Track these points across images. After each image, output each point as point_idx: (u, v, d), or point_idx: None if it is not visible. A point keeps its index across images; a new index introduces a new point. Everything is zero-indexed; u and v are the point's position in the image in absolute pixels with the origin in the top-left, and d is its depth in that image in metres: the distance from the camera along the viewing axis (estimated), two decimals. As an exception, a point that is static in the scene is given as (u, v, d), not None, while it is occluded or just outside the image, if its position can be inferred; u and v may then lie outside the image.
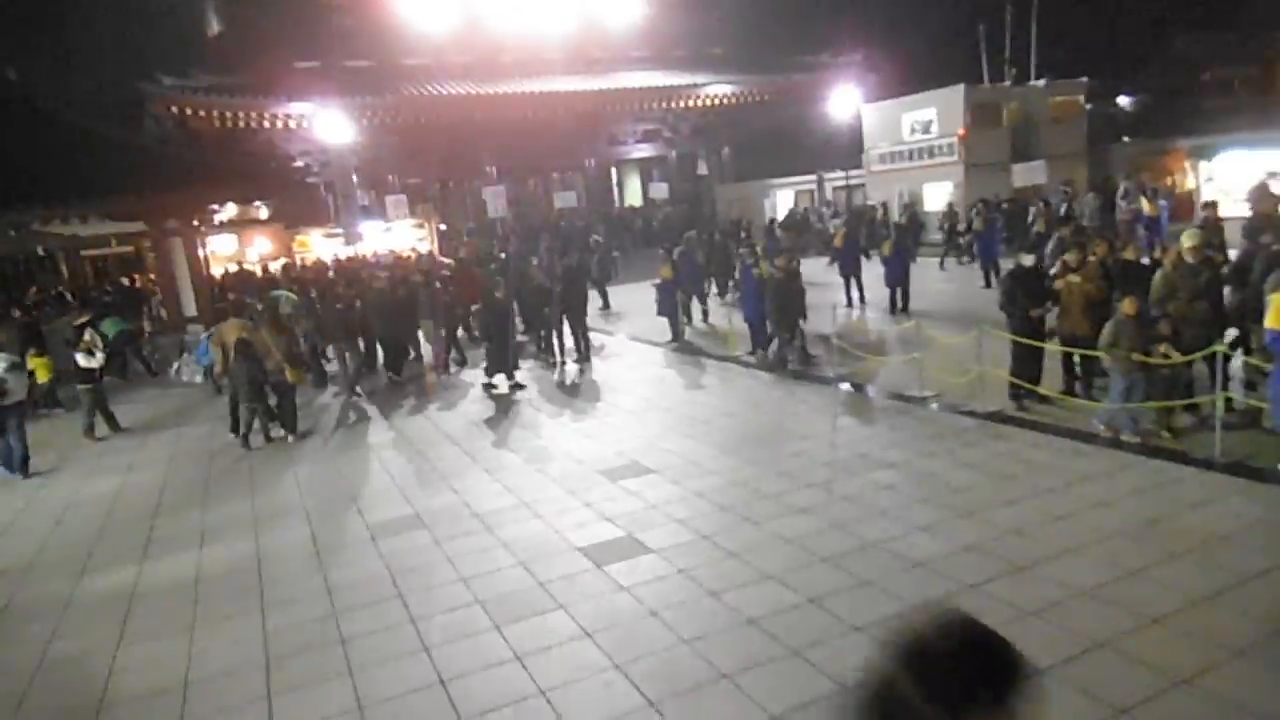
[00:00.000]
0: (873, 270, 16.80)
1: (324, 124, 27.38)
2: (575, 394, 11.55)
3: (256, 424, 10.28)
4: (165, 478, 9.41)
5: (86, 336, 11.08)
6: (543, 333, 14.47)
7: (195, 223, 16.63)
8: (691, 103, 34.94)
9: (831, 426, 8.90)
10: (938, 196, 27.79)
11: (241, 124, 27.53)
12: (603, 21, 34.94)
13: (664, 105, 34.73)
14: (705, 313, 16.39)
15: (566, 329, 13.68)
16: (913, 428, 8.50)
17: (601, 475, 7.93)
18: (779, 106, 36.51)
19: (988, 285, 16.91)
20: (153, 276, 18.50)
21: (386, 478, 8.61)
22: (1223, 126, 24.73)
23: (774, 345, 11.91)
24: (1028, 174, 25.28)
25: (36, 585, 6.75)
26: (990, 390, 8.80)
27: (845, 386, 10.41)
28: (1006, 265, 11.00)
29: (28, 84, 17.54)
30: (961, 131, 27.05)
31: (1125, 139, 31.68)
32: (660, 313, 14.53)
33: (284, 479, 8.94)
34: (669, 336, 14.51)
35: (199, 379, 13.97)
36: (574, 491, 7.57)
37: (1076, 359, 8.68)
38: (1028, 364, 8.66)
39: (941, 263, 21.24)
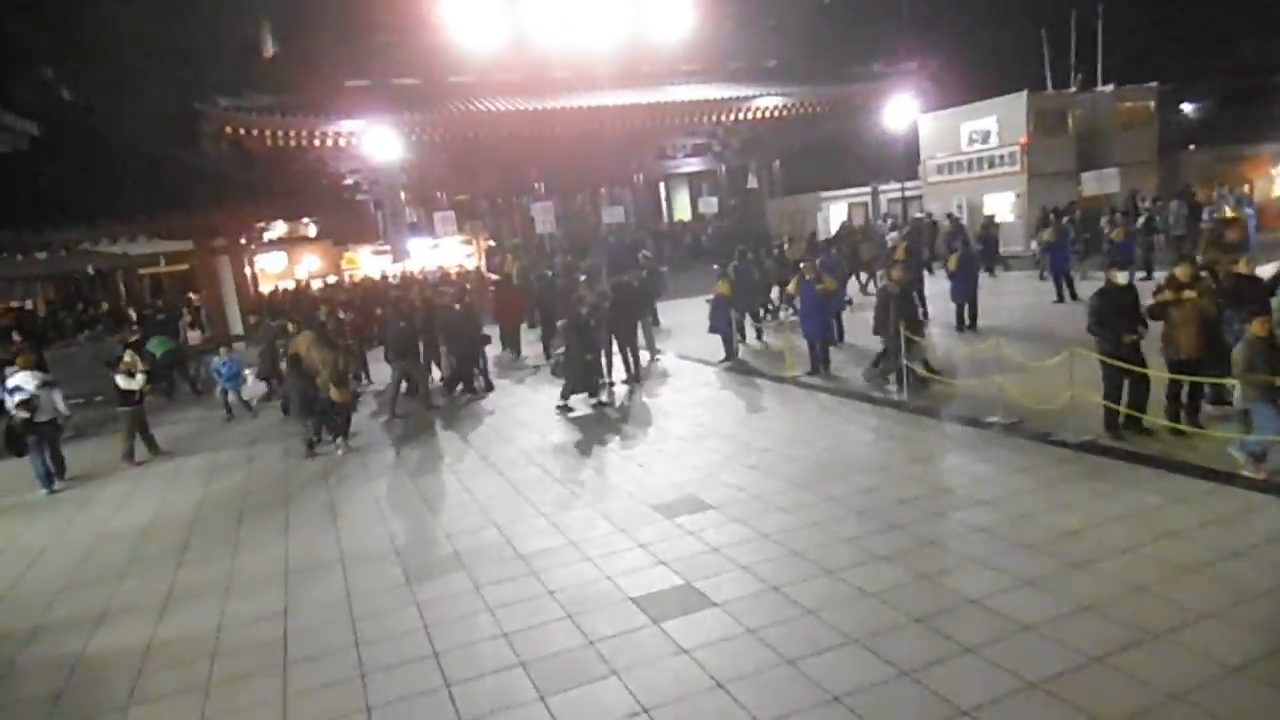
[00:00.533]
0: (935, 284, 16.01)
1: (373, 141, 27.39)
2: (625, 418, 10.90)
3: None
4: (198, 510, 9.01)
5: (127, 358, 10.83)
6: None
7: (243, 240, 16.46)
8: (742, 115, 34.33)
9: (909, 457, 8.09)
10: (999, 207, 26.72)
11: (293, 143, 27.69)
12: (652, 36, 34.55)
13: (714, 118, 34.19)
14: (759, 330, 15.67)
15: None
16: (1000, 459, 7.67)
17: (656, 511, 7.26)
18: (831, 118, 35.72)
19: (1060, 300, 15.90)
20: (193, 296, 18.46)
21: (425, 511, 8.07)
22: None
23: (876, 365, 11.05)
24: (1098, 182, 24.05)
25: (46, 639, 6.22)
26: (1082, 417, 7.92)
27: (918, 411, 9.60)
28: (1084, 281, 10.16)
29: (82, 104, 17.65)
30: (1024, 140, 25.97)
31: (1192, 146, 30.25)
32: (713, 330, 13.86)
33: (318, 511, 8.45)
34: (722, 355, 13.82)
35: (250, 401, 13.66)
36: (626, 530, 6.91)
37: (1185, 385, 7.77)
38: (1127, 390, 7.77)
39: (992, 271, 20.27)
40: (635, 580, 5.93)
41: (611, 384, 12.83)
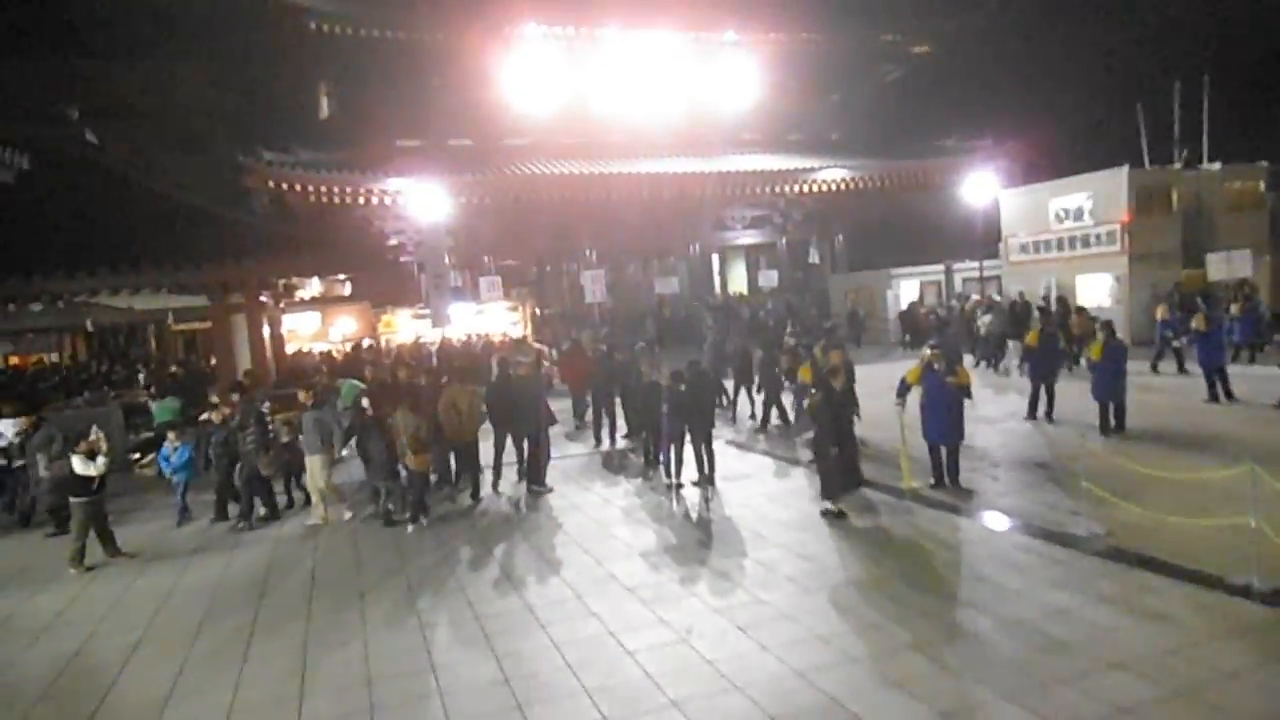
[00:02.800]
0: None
1: (420, 201, 25.99)
2: (705, 540, 8.49)
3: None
4: (142, 637, 6.80)
5: (92, 435, 8.81)
6: (652, 445, 11.67)
7: (263, 298, 14.65)
8: (805, 188, 32.57)
9: (1157, 641, 5.54)
10: (1094, 289, 24.27)
11: (337, 200, 26.44)
12: (712, 104, 33.26)
13: (775, 190, 32.46)
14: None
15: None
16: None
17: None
18: (900, 193, 33.81)
19: (1213, 399, 13.32)
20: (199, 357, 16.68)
21: (434, 692, 5.76)
22: None
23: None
24: (1227, 265, 21.49)
25: None
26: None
27: (1114, 557, 7.06)
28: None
29: (106, 147, 16.26)
30: (1125, 217, 23.63)
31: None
32: (803, 424, 11.51)
33: (287, 645, 6.19)
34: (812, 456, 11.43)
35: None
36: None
37: None
38: None
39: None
40: None
41: (680, 485, 10.52)
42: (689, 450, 10.57)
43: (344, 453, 10.04)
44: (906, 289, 30.25)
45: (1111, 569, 6.76)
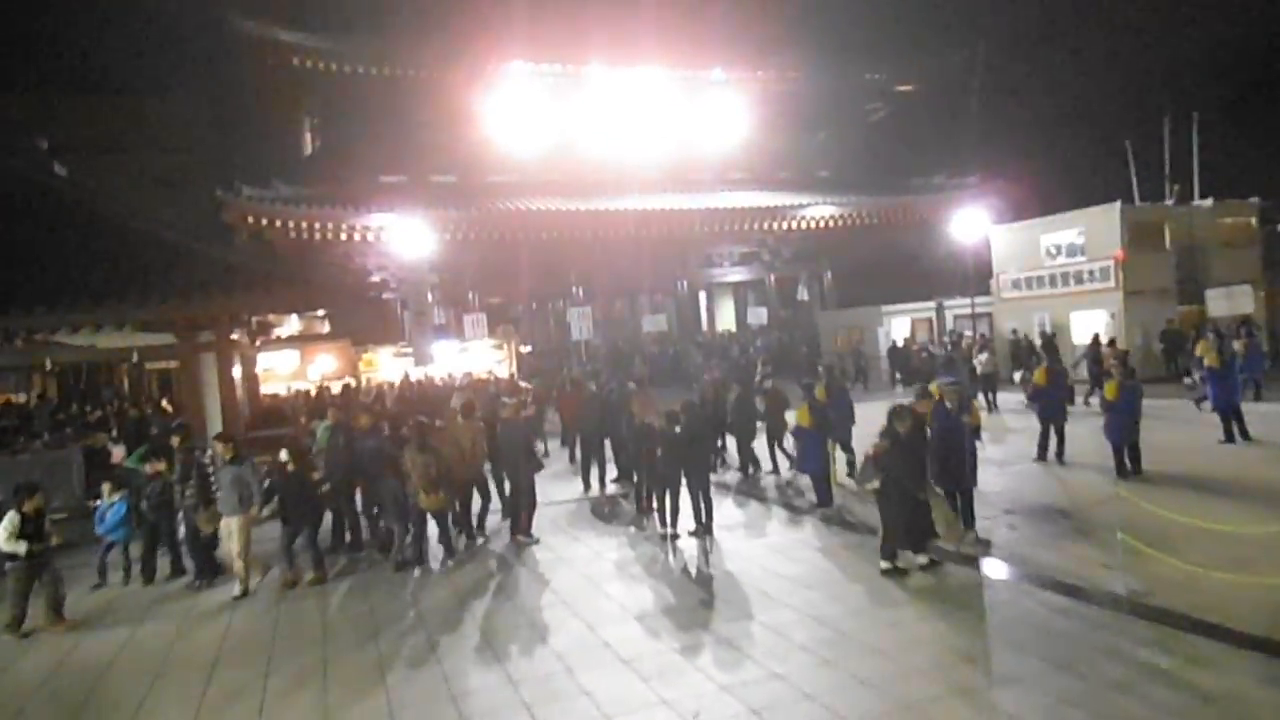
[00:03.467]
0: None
1: (402, 236, 25.43)
2: (708, 600, 7.71)
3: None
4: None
5: (27, 506, 7.93)
6: (645, 489, 10.97)
7: (235, 336, 13.91)
8: (793, 224, 32.35)
9: None
10: (1087, 326, 23.89)
11: (318, 235, 25.86)
12: (701, 143, 33.16)
13: (764, 226, 32.19)
14: (851, 465, 12.51)
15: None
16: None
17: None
18: (889, 230, 33.67)
19: (1229, 439, 12.78)
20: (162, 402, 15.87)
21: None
22: None
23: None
24: (1228, 300, 21.18)
25: None
26: None
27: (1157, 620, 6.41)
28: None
29: (77, 180, 15.62)
30: (1119, 254, 23.37)
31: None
32: (803, 469, 10.86)
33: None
34: (815, 500, 10.77)
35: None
36: None
37: None
38: None
39: (1086, 399, 17.16)
40: None
41: (676, 535, 9.80)
42: (684, 497, 9.89)
43: (264, 513, 9.09)
44: (898, 326, 29.85)
45: (1163, 634, 6.09)
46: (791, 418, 12.01)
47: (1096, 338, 20.97)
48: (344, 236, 26.18)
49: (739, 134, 33.33)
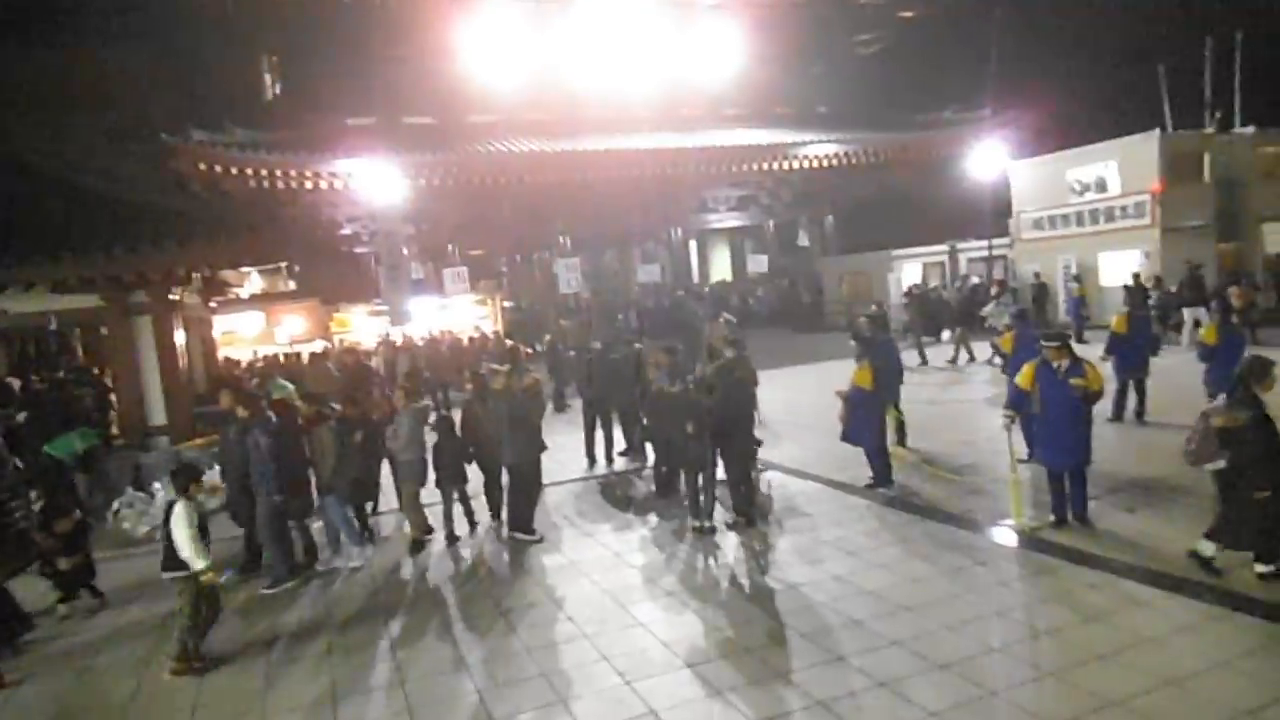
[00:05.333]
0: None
1: (374, 184, 23.13)
2: (777, 631, 5.85)
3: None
4: None
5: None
6: (666, 470, 9.17)
7: (175, 295, 11.86)
8: (793, 164, 30.12)
9: None
10: (1118, 267, 22.12)
11: (280, 184, 23.46)
12: (694, 78, 30.70)
13: (762, 166, 29.97)
14: (903, 431, 10.71)
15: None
16: None
17: None
18: (895, 169, 31.54)
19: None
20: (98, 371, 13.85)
21: None
22: None
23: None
24: (1289, 235, 19.42)
25: None
26: None
27: None
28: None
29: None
30: (1156, 187, 21.54)
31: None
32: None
33: None
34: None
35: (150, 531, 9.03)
36: None
37: None
38: None
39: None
40: None
41: (712, 528, 8.00)
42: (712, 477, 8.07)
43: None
44: (909, 271, 27.97)
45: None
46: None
47: (1137, 277, 19.22)
48: (309, 185, 23.82)
49: (732, 67, 30.94)
